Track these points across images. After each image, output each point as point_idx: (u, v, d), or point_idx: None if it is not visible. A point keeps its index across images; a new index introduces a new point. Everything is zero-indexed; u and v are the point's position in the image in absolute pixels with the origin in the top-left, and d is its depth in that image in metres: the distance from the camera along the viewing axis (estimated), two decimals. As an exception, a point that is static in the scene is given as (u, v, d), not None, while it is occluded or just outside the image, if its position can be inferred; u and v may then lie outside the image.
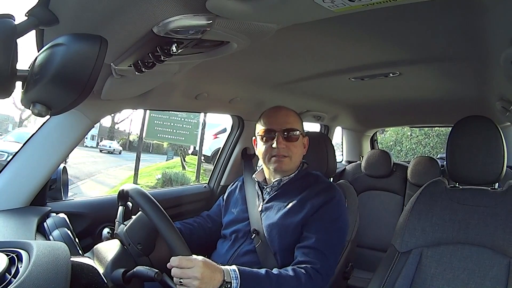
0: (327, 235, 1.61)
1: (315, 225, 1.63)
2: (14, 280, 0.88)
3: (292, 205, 1.71)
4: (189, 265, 1.29)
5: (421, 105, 3.07)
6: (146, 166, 17.12)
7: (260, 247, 1.71)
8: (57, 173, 1.80)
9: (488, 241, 1.49)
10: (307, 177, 1.84)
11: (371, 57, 1.85)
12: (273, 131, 1.78)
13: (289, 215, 1.69)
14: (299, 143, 1.80)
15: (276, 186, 1.83)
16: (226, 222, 1.91)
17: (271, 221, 1.72)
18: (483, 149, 1.58)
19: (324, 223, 1.64)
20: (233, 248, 1.78)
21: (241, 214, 1.86)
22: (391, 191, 3.44)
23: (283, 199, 1.77)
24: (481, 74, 2.01)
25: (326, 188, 1.75)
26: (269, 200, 1.81)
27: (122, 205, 1.63)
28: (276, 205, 1.76)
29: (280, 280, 1.46)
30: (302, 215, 1.66)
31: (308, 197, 1.71)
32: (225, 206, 2.01)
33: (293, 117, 1.83)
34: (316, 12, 0.95)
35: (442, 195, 1.64)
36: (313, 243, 1.59)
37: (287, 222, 1.67)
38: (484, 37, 1.45)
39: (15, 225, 1.40)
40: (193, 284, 1.28)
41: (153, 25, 0.97)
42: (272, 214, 1.74)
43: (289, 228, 1.67)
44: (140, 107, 2.14)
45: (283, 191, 1.80)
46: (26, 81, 0.83)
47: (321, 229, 1.62)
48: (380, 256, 1.74)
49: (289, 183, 1.82)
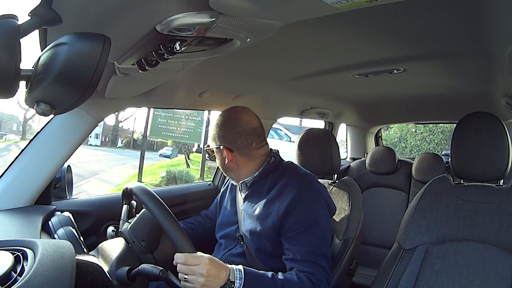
0: (306, 242, 1.55)
1: (290, 236, 1.57)
2: (20, 278, 0.88)
3: (260, 210, 1.65)
4: (195, 262, 1.29)
5: (425, 101, 3.06)
6: (150, 164, 17.16)
7: (246, 251, 1.71)
8: (61, 171, 1.81)
9: (493, 238, 1.48)
10: (276, 173, 1.75)
11: (375, 54, 1.84)
12: None
13: (259, 221, 1.64)
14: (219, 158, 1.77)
15: (243, 187, 1.78)
16: (218, 224, 1.90)
17: (247, 226, 1.70)
18: (488, 145, 1.57)
19: (299, 232, 1.57)
20: (225, 249, 1.78)
21: (230, 217, 1.84)
22: (396, 188, 3.44)
23: (254, 201, 1.71)
24: (485, 70, 2.00)
25: (293, 184, 1.64)
26: (244, 201, 1.77)
27: (127, 204, 1.64)
28: (248, 209, 1.72)
29: (285, 284, 1.45)
30: (272, 221, 1.59)
31: (273, 198, 1.65)
32: (219, 208, 1.99)
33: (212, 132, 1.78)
34: (319, 8, 0.95)
35: (447, 192, 1.63)
36: (297, 256, 1.54)
37: (259, 229, 1.63)
38: (489, 33, 1.45)
39: (20, 224, 1.41)
40: (198, 281, 1.28)
41: (156, 23, 0.97)
42: (248, 219, 1.71)
43: (261, 235, 1.63)
44: (144, 105, 2.14)
45: (252, 192, 1.75)
46: (30, 80, 0.83)
47: (298, 238, 1.56)
48: (385, 253, 1.73)
49: (254, 183, 1.76)
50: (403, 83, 2.47)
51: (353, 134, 4.32)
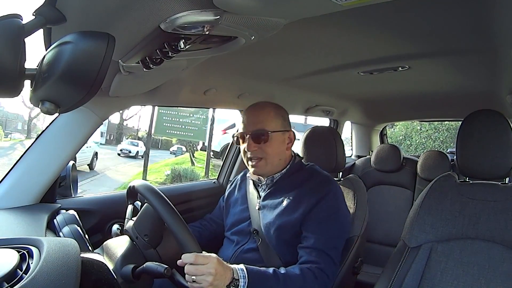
0: (326, 233, 1.61)
1: (313, 224, 1.63)
2: (26, 276, 0.89)
3: (287, 203, 1.70)
4: (204, 261, 1.30)
5: (430, 99, 3.04)
6: (155, 162, 17.19)
7: (261, 245, 1.72)
8: (66, 170, 1.81)
9: (498, 236, 1.48)
10: (302, 171, 1.82)
11: (379, 51, 1.84)
12: (244, 134, 1.78)
13: (285, 213, 1.68)
14: (273, 142, 1.76)
15: (269, 183, 1.82)
16: (228, 224, 1.91)
17: (268, 220, 1.72)
18: (493, 143, 1.56)
19: (321, 221, 1.63)
20: (236, 246, 1.79)
21: (242, 214, 1.86)
22: (401, 185, 3.43)
23: (278, 196, 1.76)
24: (491, 68, 1.99)
25: (321, 183, 1.74)
26: (264, 197, 1.80)
27: (131, 203, 1.64)
28: (271, 203, 1.76)
29: (287, 279, 1.47)
30: (299, 214, 1.65)
31: (303, 193, 1.70)
32: (226, 208, 2.01)
33: (264, 116, 1.79)
34: (324, 6, 0.95)
35: (452, 189, 1.63)
36: (313, 244, 1.59)
37: (284, 221, 1.67)
38: (495, 30, 1.44)
39: (25, 222, 1.42)
40: (207, 280, 1.28)
41: (161, 21, 0.97)
42: (269, 213, 1.74)
43: (286, 228, 1.66)
44: (148, 103, 2.14)
45: (277, 188, 1.79)
46: (35, 79, 0.83)
47: (319, 228, 1.62)
48: (390, 251, 1.73)
49: (282, 179, 1.80)
50: (408, 81, 2.46)
51: (358, 132, 4.32)
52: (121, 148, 22.14)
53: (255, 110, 1.83)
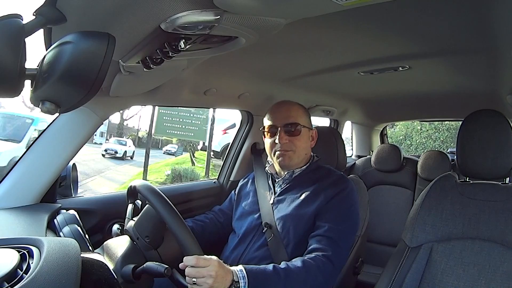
0: (339, 224, 1.63)
1: (327, 214, 1.65)
2: (26, 276, 0.88)
3: (306, 195, 1.72)
4: (205, 264, 1.30)
5: (431, 99, 3.04)
6: (155, 162, 17.16)
7: (272, 240, 1.71)
8: (66, 170, 1.81)
9: (498, 236, 1.48)
10: (319, 170, 1.85)
11: (380, 51, 1.84)
12: (275, 127, 1.81)
13: (303, 205, 1.70)
14: (302, 136, 1.81)
15: (288, 178, 1.84)
16: (237, 215, 1.92)
17: (284, 213, 1.73)
18: (493, 143, 1.56)
19: (336, 212, 1.66)
20: (245, 242, 1.79)
21: (252, 206, 1.87)
22: (401, 185, 3.43)
23: (296, 190, 1.78)
24: (491, 68, 1.99)
25: (339, 180, 1.77)
26: (281, 193, 1.82)
27: (132, 203, 1.64)
28: (288, 197, 1.78)
29: (288, 273, 1.46)
30: (316, 206, 1.67)
31: (321, 188, 1.72)
32: (236, 200, 2.02)
33: (295, 111, 1.84)
34: (324, 5, 0.95)
35: (452, 189, 1.63)
36: (325, 231, 1.61)
37: (301, 213, 1.69)
38: (495, 30, 1.44)
39: (26, 222, 1.41)
40: (207, 283, 1.28)
41: (161, 21, 0.97)
42: (285, 206, 1.76)
43: (303, 219, 1.68)
44: (149, 103, 2.14)
45: (295, 183, 1.82)
46: (35, 79, 0.83)
47: (333, 218, 1.64)
48: (390, 251, 1.73)
49: (301, 175, 1.83)
50: (408, 81, 2.46)
51: (359, 132, 4.32)
52: (105, 148, 19.57)
53: (287, 105, 1.88)
